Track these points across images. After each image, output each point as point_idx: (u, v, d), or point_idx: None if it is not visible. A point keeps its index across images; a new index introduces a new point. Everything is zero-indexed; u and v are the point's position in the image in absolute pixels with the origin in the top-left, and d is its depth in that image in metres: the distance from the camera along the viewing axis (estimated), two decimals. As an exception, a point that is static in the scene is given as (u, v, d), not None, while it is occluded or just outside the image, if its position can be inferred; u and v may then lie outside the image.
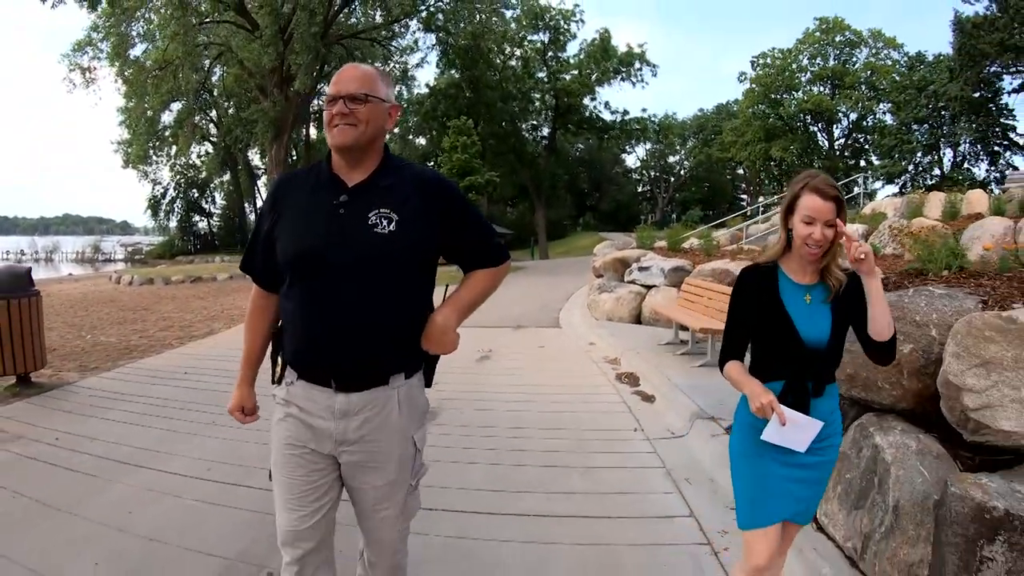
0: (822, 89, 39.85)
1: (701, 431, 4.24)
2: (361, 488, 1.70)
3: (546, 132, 42.42)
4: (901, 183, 35.28)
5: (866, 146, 40.61)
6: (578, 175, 54.63)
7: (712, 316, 6.32)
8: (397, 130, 40.86)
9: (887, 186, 36.11)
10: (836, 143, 41.33)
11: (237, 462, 3.81)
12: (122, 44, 24.60)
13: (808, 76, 40.16)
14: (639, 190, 62.45)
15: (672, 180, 59.11)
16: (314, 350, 1.60)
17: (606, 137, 43.36)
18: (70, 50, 27.47)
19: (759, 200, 37.79)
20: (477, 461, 3.95)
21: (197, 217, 50.80)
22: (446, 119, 33.47)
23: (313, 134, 40.26)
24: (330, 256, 1.56)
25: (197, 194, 49.96)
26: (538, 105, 40.79)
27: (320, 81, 26.06)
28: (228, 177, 48.32)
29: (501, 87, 36.42)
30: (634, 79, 39.10)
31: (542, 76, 39.08)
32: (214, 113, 40.75)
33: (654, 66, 39.10)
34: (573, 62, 39.12)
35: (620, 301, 9.46)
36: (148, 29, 25.71)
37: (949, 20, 25.99)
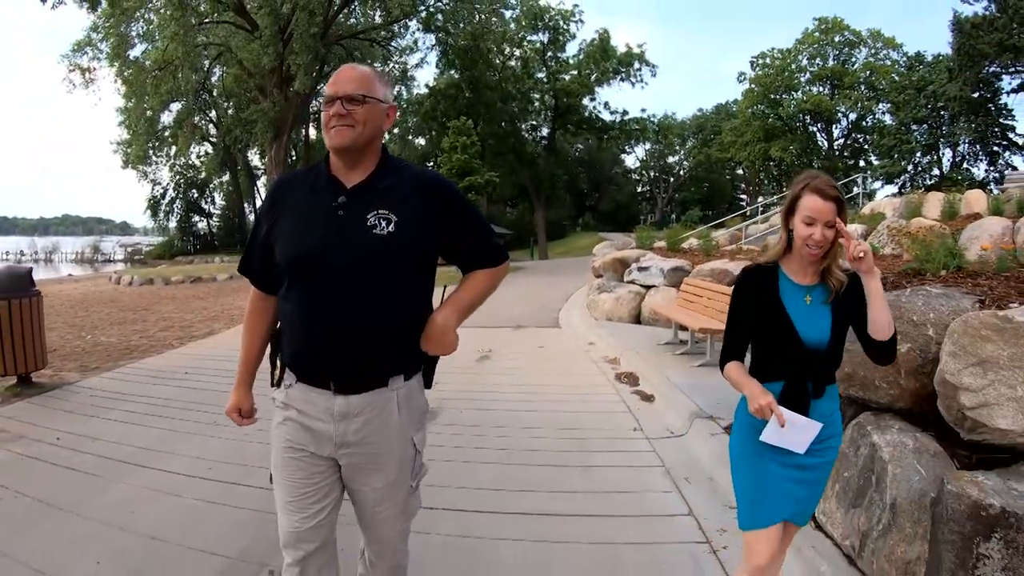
0: (821, 89, 39.88)
1: (700, 430, 4.26)
2: (361, 490, 1.70)
3: (545, 132, 42.47)
4: (900, 183, 35.30)
5: (865, 146, 40.64)
6: (577, 175, 54.63)
7: (711, 316, 6.34)
8: (396, 130, 40.93)
9: (886, 186, 36.17)
10: (835, 143, 41.36)
11: (238, 461, 3.83)
12: (122, 44, 24.62)
13: (807, 76, 40.21)
14: (638, 190, 62.46)
15: (671, 180, 59.12)
16: (313, 352, 1.60)
17: (605, 137, 43.37)
18: (70, 50, 27.61)
19: (758, 200, 37.81)
20: (477, 460, 3.96)
21: (196, 217, 50.81)
22: (446, 119, 33.49)
23: (313, 134, 40.22)
24: (329, 258, 1.55)
25: (196, 194, 49.97)
26: (537, 105, 40.83)
27: (320, 81, 26.02)
28: (227, 177, 48.34)
29: (500, 87, 36.46)
30: (633, 79, 39.19)
31: (541, 76, 39.12)
32: (213, 113, 40.77)
33: (653, 66, 39.21)
34: (572, 62, 39.15)
35: (619, 301, 9.48)
36: (148, 29, 25.76)
37: (948, 20, 26.09)
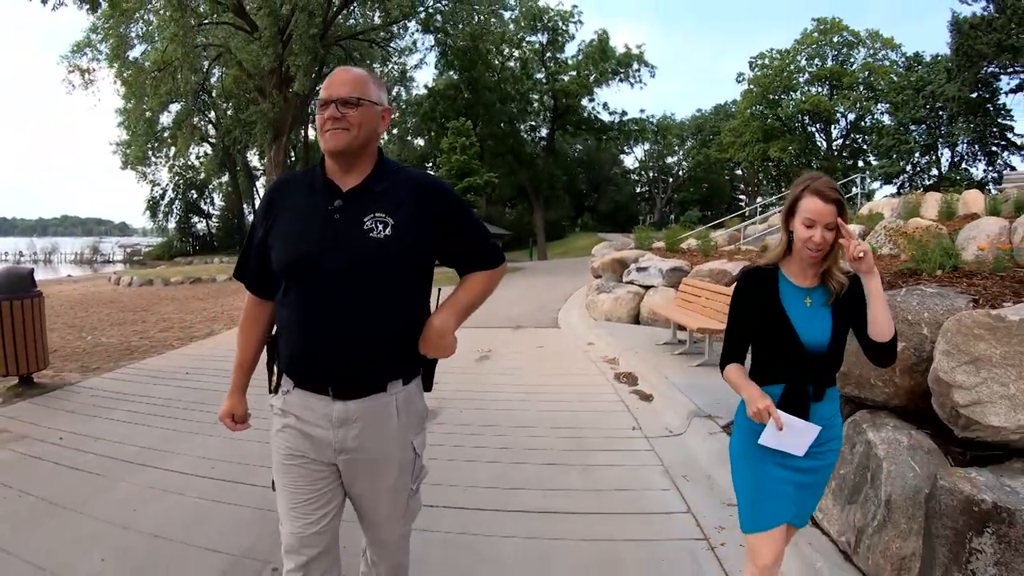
0: (820, 90, 39.95)
1: (699, 429, 4.29)
2: (362, 494, 1.70)
3: (544, 133, 42.51)
4: (899, 183, 35.33)
5: (864, 146, 40.68)
6: (576, 176, 54.68)
7: (709, 316, 6.37)
8: (395, 131, 40.99)
9: (885, 186, 36.22)
10: (834, 143, 41.42)
11: (240, 460, 3.85)
12: (121, 45, 24.63)
13: (806, 77, 40.28)
14: (637, 191, 62.52)
15: (670, 181, 59.19)
16: (310, 355, 1.59)
17: (604, 138, 43.42)
18: (69, 51, 27.62)
19: (757, 201, 37.88)
20: (477, 459, 3.99)
21: (196, 218, 50.78)
22: (445, 120, 33.58)
23: (312, 135, 40.20)
24: (325, 261, 1.54)
25: (196, 195, 49.95)
26: (536, 106, 40.89)
27: (319, 82, 25.89)
28: (227, 178, 48.37)
29: (499, 88, 36.52)
30: (632, 80, 39.25)
31: (540, 77, 39.17)
32: (213, 114, 40.76)
33: (652, 67, 39.29)
34: (571, 63, 39.20)
35: (618, 301, 9.51)
36: (147, 30, 25.75)
37: (946, 20, 26.14)
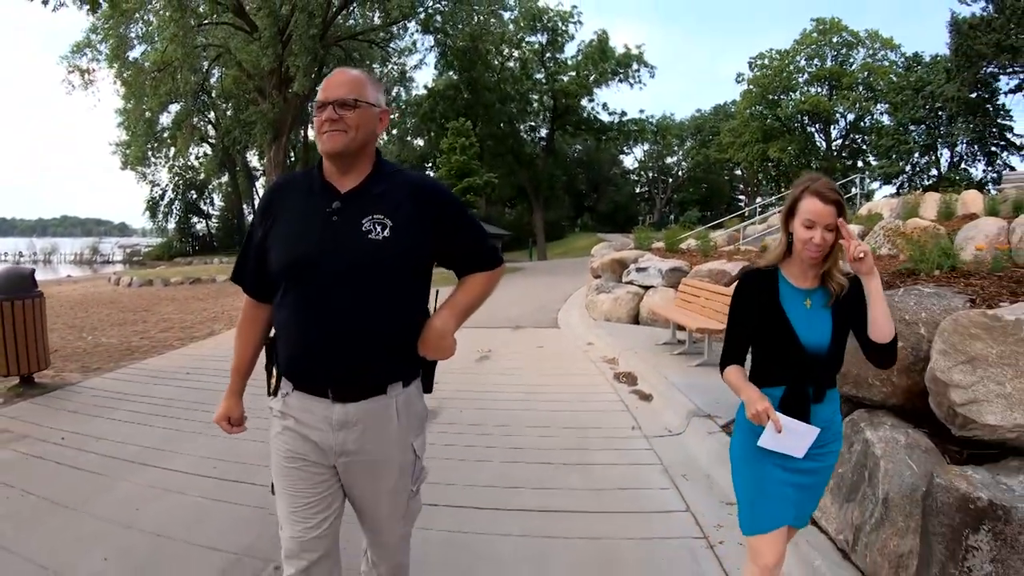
0: (819, 90, 40.00)
1: (698, 429, 4.30)
2: (362, 496, 1.70)
3: (544, 133, 42.56)
4: (898, 184, 35.38)
5: (863, 147, 40.73)
6: (576, 176, 54.74)
7: (709, 316, 6.38)
8: (395, 131, 41.00)
9: (884, 187, 36.27)
10: (834, 144, 41.47)
11: (241, 460, 3.86)
12: (121, 46, 24.67)
13: (805, 77, 40.33)
14: (637, 191, 62.59)
15: (670, 181, 59.25)
16: (308, 356, 1.58)
17: (604, 138, 43.47)
18: (69, 52, 27.64)
19: (757, 201, 37.90)
20: (477, 458, 4.00)
21: (195, 219, 50.82)
22: (444, 120, 33.62)
23: (312, 136, 40.14)
24: (323, 263, 1.54)
25: (195, 195, 49.98)
26: (536, 106, 40.93)
27: (319, 83, 25.84)
28: (226, 179, 48.42)
29: (499, 88, 36.56)
30: (632, 80, 39.30)
31: (540, 77, 39.21)
32: (212, 115, 40.78)
33: (652, 67, 39.34)
34: (571, 63, 39.24)
35: (618, 301, 9.52)
36: (147, 31, 25.79)
37: (946, 21, 26.17)
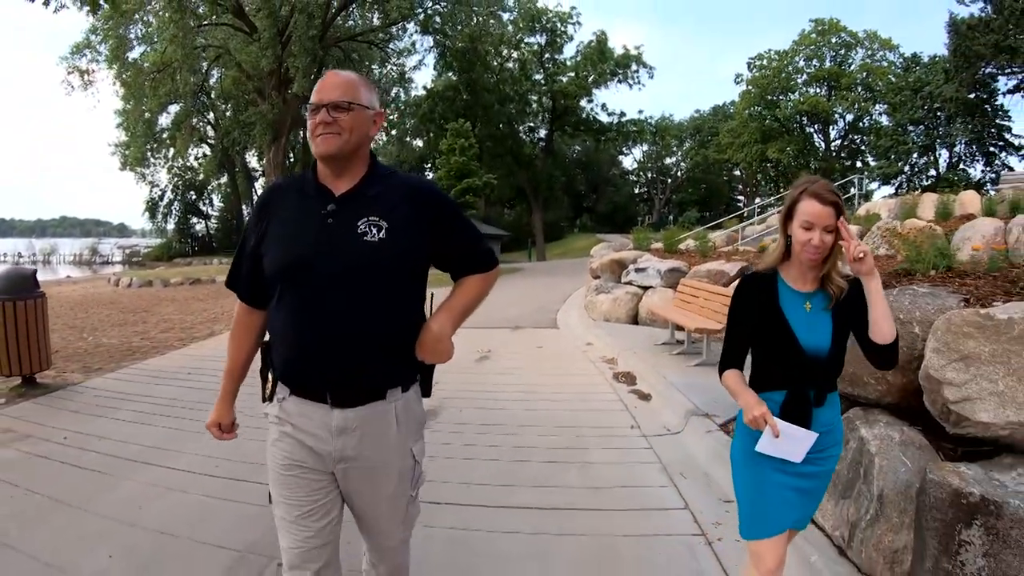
0: (818, 91, 40.06)
1: (696, 428, 4.34)
2: (361, 502, 1.69)
3: (543, 134, 42.64)
4: (897, 184, 35.43)
5: (862, 147, 40.82)
6: (575, 177, 54.82)
7: (707, 316, 6.42)
8: (394, 132, 41.02)
9: (883, 187, 36.33)
10: (832, 144, 41.54)
11: (243, 459, 3.88)
12: (120, 46, 24.70)
13: (804, 78, 40.40)
14: (636, 192, 62.70)
15: (669, 182, 59.33)
16: (304, 358, 1.57)
17: (603, 139, 43.55)
18: (68, 53, 27.68)
19: (756, 201, 37.97)
20: (477, 457, 4.03)
21: (195, 219, 50.86)
22: (443, 121, 33.68)
23: (311, 136, 40.22)
24: (318, 265, 1.53)
25: (195, 196, 50.00)
26: (535, 107, 41.02)
27: (318, 84, 26.08)
28: (226, 179, 48.46)
29: (498, 89, 36.65)
30: (631, 81, 39.38)
31: (539, 78, 39.30)
32: (212, 115, 40.83)
33: (651, 68, 39.45)
34: (570, 64, 39.31)
35: (617, 302, 9.55)
36: (146, 32, 25.82)
37: (944, 21, 26.24)
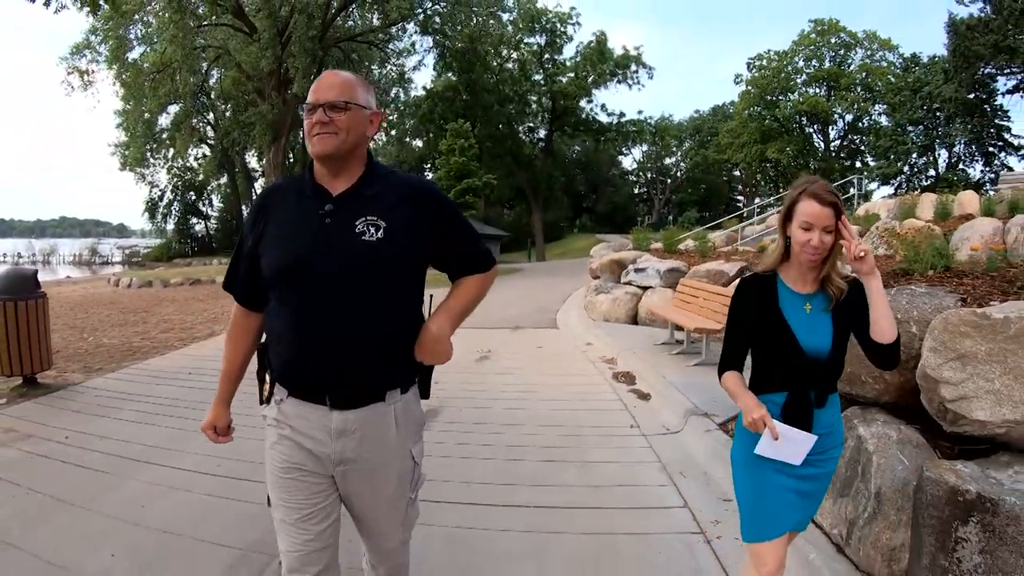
0: (818, 91, 40.06)
1: (695, 427, 4.36)
2: (360, 505, 1.68)
3: (543, 134, 42.67)
4: (896, 184, 35.45)
5: (862, 147, 40.82)
6: (575, 177, 54.83)
7: (707, 316, 6.44)
8: (394, 132, 41.06)
9: (883, 187, 36.35)
10: (832, 144, 41.56)
11: (245, 458, 3.89)
12: (120, 47, 24.69)
13: (804, 78, 40.38)
14: (635, 192, 62.70)
15: (668, 182, 59.35)
16: (302, 359, 1.56)
17: (602, 139, 43.61)
18: (68, 53, 27.69)
19: (755, 201, 38.01)
20: (477, 456, 4.05)
21: (194, 220, 50.81)
22: (443, 122, 33.73)
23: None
24: (317, 265, 1.52)
25: (194, 197, 49.95)
26: (535, 107, 41.06)
27: (317, 84, 26.09)
28: (225, 180, 48.41)
29: (498, 90, 36.69)
30: (630, 81, 39.42)
31: (539, 79, 39.34)
32: (211, 116, 40.80)
33: (650, 68, 39.50)
34: (569, 65, 39.36)
35: (616, 302, 9.57)
36: (146, 32, 25.82)
37: (944, 22, 26.26)
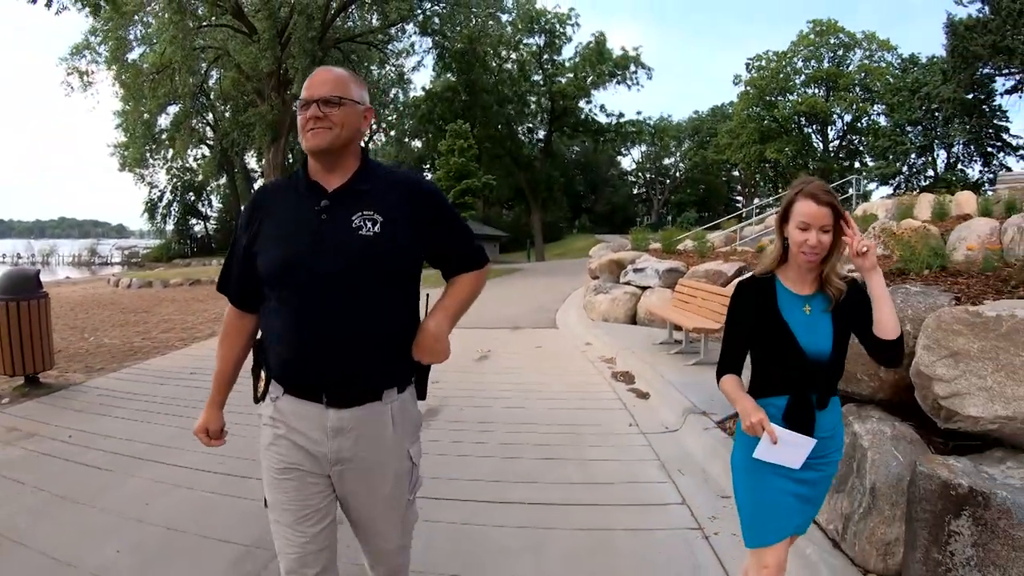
0: (816, 91, 40.16)
1: (694, 425, 4.39)
2: (358, 506, 1.66)
3: (542, 135, 42.74)
4: (895, 184, 35.52)
5: (860, 148, 40.91)
6: (574, 177, 54.88)
7: (705, 316, 6.47)
8: (393, 133, 41.09)
9: (881, 188, 36.43)
10: (830, 145, 41.66)
11: (247, 456, 3.90)
12: (120, 48, 24.69)
13: (802, 78, 40.49)
14: (634, 192, 62.77)
15: (667, 182, 59.44)
16: (303, 359, 1.55)
17: (601, 140, 43.66)
18: (68, 54, 27.70)
19: (754, 202, 38.08)
20: (478, 454, 4.08)
21: (193, 220, 50.89)
22: (442, 122, 33.76)
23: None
24: (315, 262, 1.51)
25: (193, 197, 50.01)
26: (534, 108, 41.13)
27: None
28: (224, 180, 48.44)
29: (497, 90, 36.75)
30: (629, 82, 39.49)
31: (538, 79, 39.41)
32: (211, 116, 40.82)
33: (649, 69, 39.56)
34: (568, 65, 39.43)
35: (615, 302, 9.60)
36: (146, 33, 25.82)
37: (942, 22, 26.30)
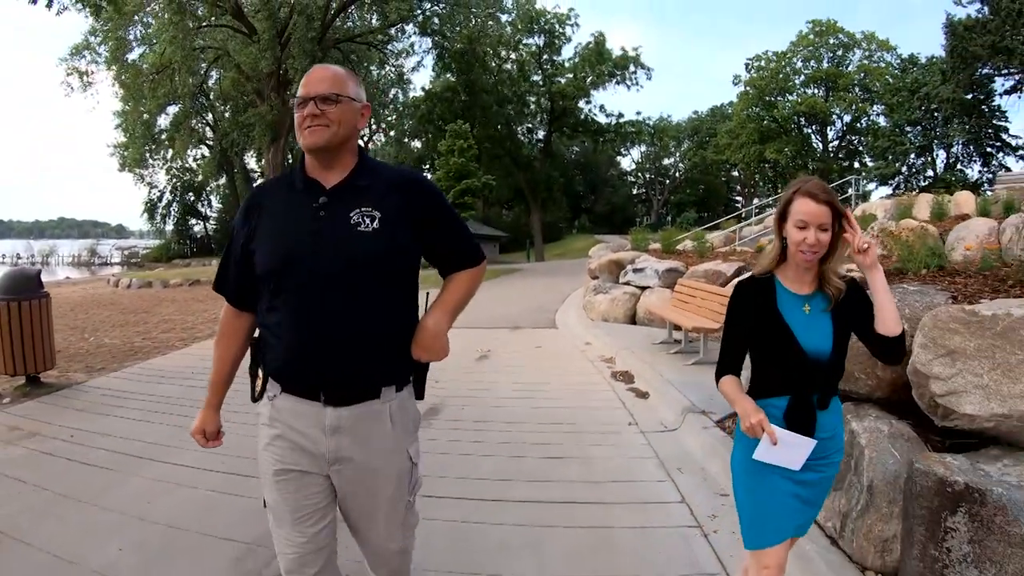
0: (816, 91, 40.21)
1: (693, 424, 4.40)
2: (357, 506, 1.65)
3: (541, 135, 42.75)
4: (895, 185, 35.55)
5: (860, 148, 40.96)
6: (573, 178, 54.92)
7: (704, 316, 6.49)
8: (393, 133, 41.09)
9: (881, 188, 36.46)
10: (830, 145, 41.71)
11: (248, 455, 3.88)
12: (120, 48, 24.68)
13: (802, 79, 40.54)
14: (634, 192, 62.84)
15: (667, 182, 59.49)
16: (302, 359, 1.54)
17: (601, 140, 43.68)
18: (68, 54, 27.70)
19: (754, 202, 38.11)
20: (478, 453, 4.10)
21: (193, 220, 50.91)
22: (442, 122, 33.78)
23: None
24: (313, 260, 1.51)
25: (193, 198, 50.02)
26: (533, 108, 41.14)
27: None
28: (224, 181, 48.41)
29: (496, 90, 36.75)
30: (629, 82, 39.50)
31: (537, 79, 39.42)
32: (211, 117, 40.81)
33: (649, 69, 39.57)
34: (568, 65, 39.45)
35: (615, 302, 9.62)
36: (146, 33, 25.83)
37: (941, 23, 26.33)
